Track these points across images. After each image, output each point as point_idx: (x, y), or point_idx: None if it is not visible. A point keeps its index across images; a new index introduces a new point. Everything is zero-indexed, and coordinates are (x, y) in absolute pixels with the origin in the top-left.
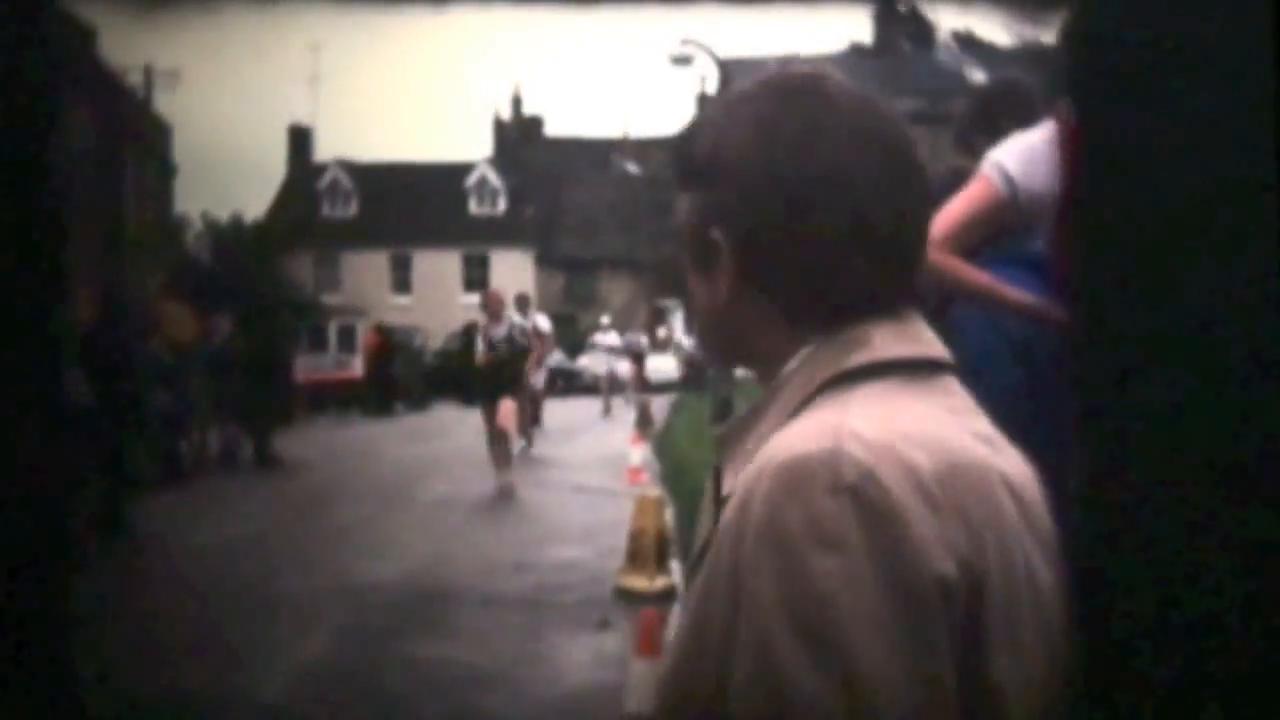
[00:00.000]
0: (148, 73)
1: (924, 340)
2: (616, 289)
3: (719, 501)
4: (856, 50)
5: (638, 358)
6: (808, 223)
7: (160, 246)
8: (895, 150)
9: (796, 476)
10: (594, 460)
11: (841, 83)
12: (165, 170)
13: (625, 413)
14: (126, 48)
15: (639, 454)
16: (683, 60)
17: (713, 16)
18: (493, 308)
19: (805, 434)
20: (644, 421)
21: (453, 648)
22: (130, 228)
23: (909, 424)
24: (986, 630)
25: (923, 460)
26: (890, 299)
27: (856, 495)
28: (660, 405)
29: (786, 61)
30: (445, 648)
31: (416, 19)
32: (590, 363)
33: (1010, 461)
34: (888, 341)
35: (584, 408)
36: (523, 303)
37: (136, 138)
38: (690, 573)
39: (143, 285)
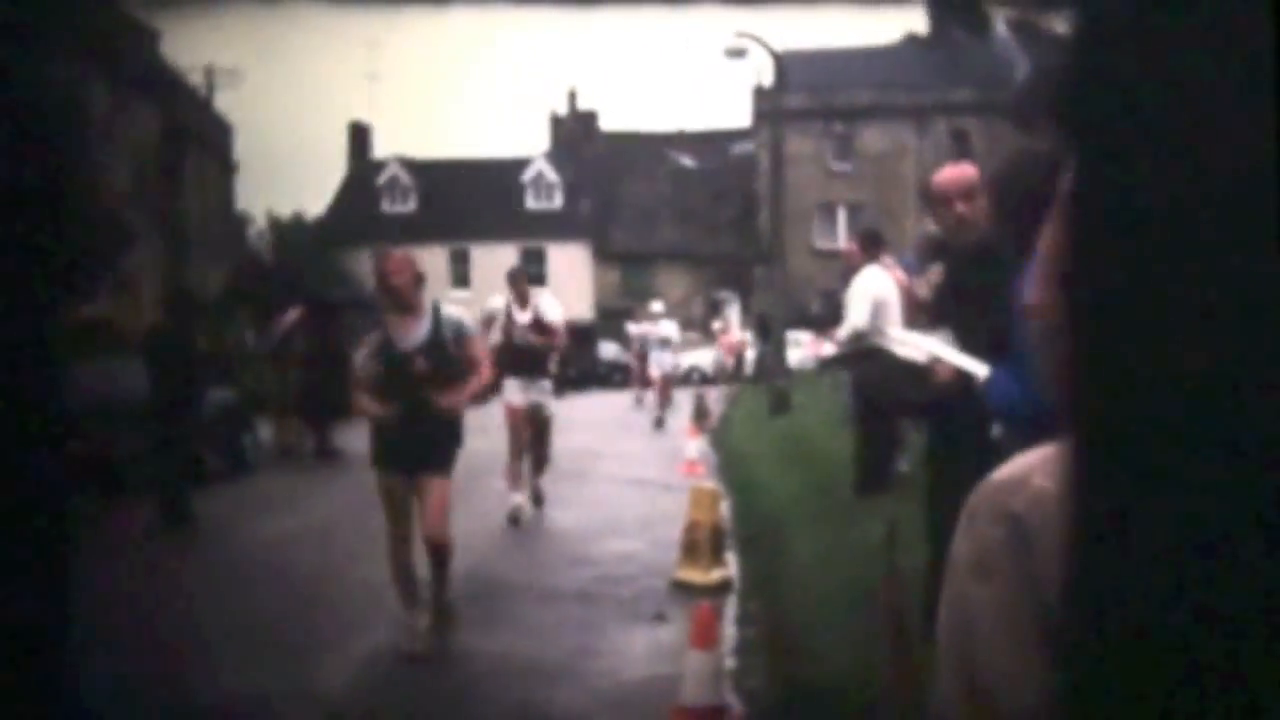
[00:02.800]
0: (209, 73)
1: None
2: (673, 282)
3: None
4: (912, 41)
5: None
6: None
7: (222, 244)
8: None
9: (974, 504)
10: (650, 453)
11: None
12: (226, 168)
13: (679, 418)
14: (188, 48)
15: (695, 446)
16: (737, 54)
17: (768, 9)
18: (395, 284)
19: (1022, 460)
20: (700, 414)
21: (511, 640)
22: (192, 226)
23: None
24: None
25: None
26: None
27: (1018, 524)
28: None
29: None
30: (503, 640)
31: (474, 15)
32: (639, 360)
33: None
34: None
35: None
36: (516, 279)
37: (198, 137)
38: None
39: (205, 282)
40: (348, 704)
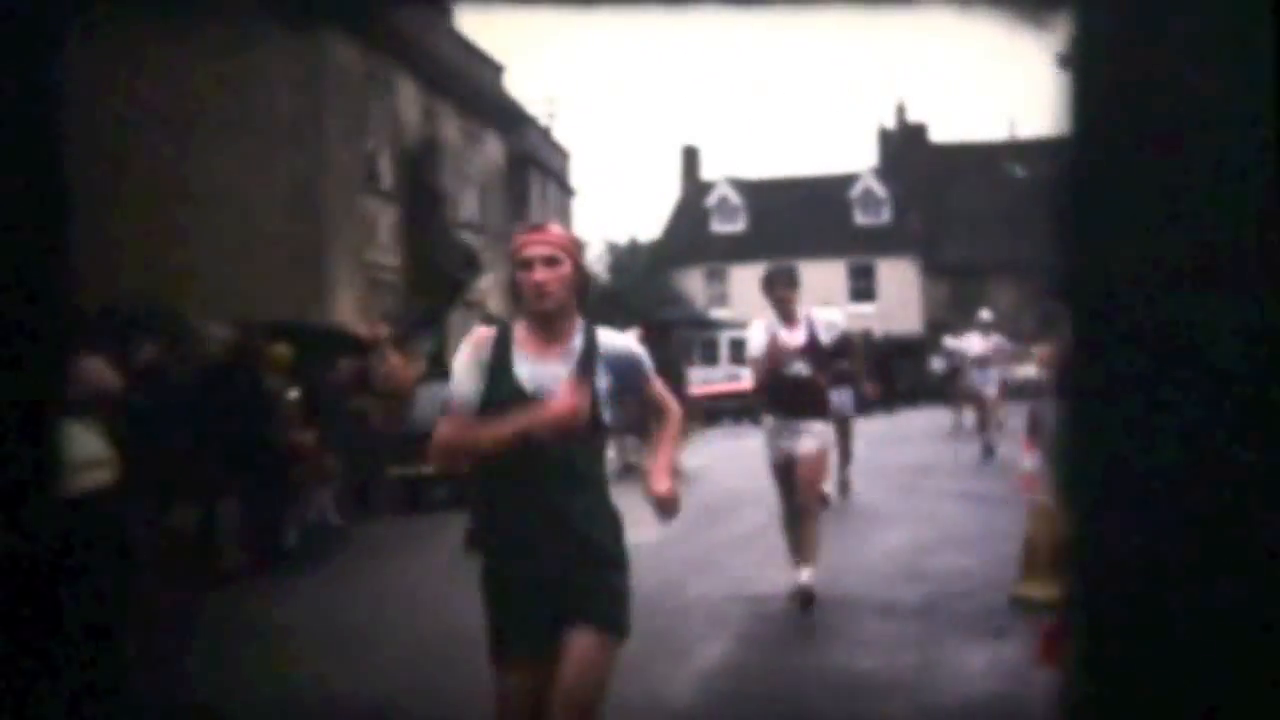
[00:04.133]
0: (550, 102)
1: None
2: (1003, 294)
3: None
4: None
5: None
6: None
7: None
8: None
9: None
10: (980, 467)
11: None
12: (565, 194)
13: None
14: (531, 81)
15: (1031, 460)
16: (1068, 60)
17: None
18: (535, 283)
19: None
20: (1036, 427)
21: (850, 655)
22: None
23: None
24: None
25: None
26: None
27: None
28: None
29: None
30: (843, 655)
31: (800, 32)
32: (955, 375)
33: None
34: None
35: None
36: (774, 285)
37: (540, 164)
38: None
39: None
40: (686, 717)
